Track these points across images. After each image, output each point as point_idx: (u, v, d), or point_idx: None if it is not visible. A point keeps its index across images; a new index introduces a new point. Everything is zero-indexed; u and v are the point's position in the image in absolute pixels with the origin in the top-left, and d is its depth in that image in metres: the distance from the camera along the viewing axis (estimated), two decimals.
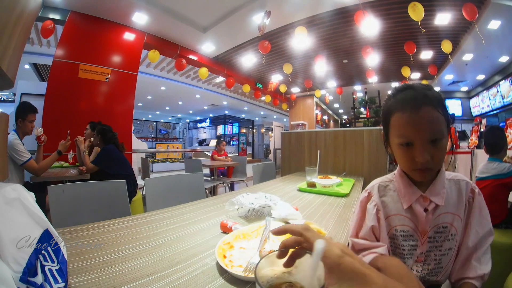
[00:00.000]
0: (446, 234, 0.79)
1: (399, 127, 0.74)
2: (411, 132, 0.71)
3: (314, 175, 1.97)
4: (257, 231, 0.90)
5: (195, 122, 20.92)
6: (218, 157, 5.09)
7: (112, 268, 0.67)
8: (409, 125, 0.71)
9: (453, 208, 0.80)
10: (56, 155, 2.54)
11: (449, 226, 0.79)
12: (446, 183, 0.81)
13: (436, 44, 6.29)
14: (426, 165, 0.71)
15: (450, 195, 0.81)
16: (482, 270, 0.78)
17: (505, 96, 8.08)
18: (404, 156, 0.75)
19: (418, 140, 0.71)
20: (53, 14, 4.50)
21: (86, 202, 1.37)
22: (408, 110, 0.71)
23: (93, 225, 0.99)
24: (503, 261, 1.74)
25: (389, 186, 0.88)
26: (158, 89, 10.56)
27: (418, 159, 0.70)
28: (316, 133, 3.31)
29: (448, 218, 0.79)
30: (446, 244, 0.80)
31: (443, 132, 0.71)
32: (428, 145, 0.70)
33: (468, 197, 0.82)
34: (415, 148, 0.71)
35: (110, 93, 4.92)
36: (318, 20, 5.57)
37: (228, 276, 0.63)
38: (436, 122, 0.70)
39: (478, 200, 0.81)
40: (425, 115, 0.70)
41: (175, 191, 1.73)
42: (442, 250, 0.80)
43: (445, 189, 0.80)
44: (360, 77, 9.26)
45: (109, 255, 0.74)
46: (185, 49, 6.62)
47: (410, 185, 0.81)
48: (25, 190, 0.60)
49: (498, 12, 4.95)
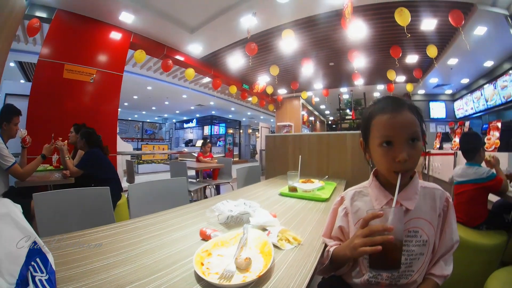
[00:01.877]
0: (418, 239, 0.83)
1: (380, 127, 0.80)
2: (392, 131, 0.78)
3: (296, 179, 2.02)
4: (235, 239, 0.93)
5: (182, 123, 20.77)
6: (204, 158, 5.10)
7: (98, 276, 0.70)
8: (390, 125, 0.78)
9: (426, 214, 0.84)
10: (41, 159, 2.52)
11: (420, 231, 0.83)
12: (419, 190, 0.85)
13: (421, 48, 6.45)
14: (404, 166, 0.76)
15: (423, 202, 0.85)
16: (446, 271, 0.85)
17: (489, 99, 8.33)
18: (384, 156, 0.79)
19: (398, 138, 0.77)
20: (40, 12, 4.44)
21: (71, 209, 1.39)
22: (389, 112, 0.79)
23: (78, 233, 1.02)
24: (484, 261, 1.82)
25: (363, 192, 0.94)
26: (144, 89, 10.47)
27: (398, 157, 0.75)
28: (300, 136, 3.38)
29: (419, 223, 0.83)
30: (417, 249, 0.83)
31: (419, 134, 0.78)
32: (407, 145, 0.76)
33: (443, 206, 0.87)
34: (395, 146, 0.77)
35: (95, 94, 4.87)
36: (305, 23, 5.67)
37: (205, 283, 0.68)
38: (413, 124, 0.78)
39: (452, 209, 0.87)
40: (404, 117, 0.78)
41: (158, 196, 1.76)
42: (413, 254, 0.83)
43: (417, 195, 0.84)
44: (346, 79, 9.41)
45: (94, 263, 0.78)
46: (172, 49, 6.61)
47: (382, 189, 0.87)
48: (13, 204, 0.64)
49: (485, 19, 5.08)
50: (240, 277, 0.70)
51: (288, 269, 0.77)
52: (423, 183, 0.89)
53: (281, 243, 0.94)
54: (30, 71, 7.33)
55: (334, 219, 0.99)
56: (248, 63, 6.95)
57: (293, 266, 0.79)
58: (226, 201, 1.31)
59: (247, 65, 7.50)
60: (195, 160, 5.34)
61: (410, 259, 0.83)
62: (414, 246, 0.83)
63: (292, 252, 0.90)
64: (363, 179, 0.99)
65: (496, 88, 7.79)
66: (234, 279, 0.69)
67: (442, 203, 0.87)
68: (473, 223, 2.03)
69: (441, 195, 0.87)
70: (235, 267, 0.74)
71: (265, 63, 7.85)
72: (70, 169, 2.58)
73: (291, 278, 0.72)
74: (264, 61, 7.74)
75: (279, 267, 0.79)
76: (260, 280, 0.70)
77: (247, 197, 1.77)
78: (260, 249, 0.87)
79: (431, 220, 0.84)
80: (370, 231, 0.69)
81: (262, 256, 0.83)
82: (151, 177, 8.83)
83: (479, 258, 1.85)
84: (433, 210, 0.85)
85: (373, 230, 0.68)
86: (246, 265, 0.75)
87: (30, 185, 2.42)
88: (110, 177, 2.65)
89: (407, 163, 0.76)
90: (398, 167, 0.77)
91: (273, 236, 0.95)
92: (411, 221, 0.83)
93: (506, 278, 1.21)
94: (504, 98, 7.47)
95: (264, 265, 0.76)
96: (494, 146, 4.43)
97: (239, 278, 0.70)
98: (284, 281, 0.70)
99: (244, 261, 0.75)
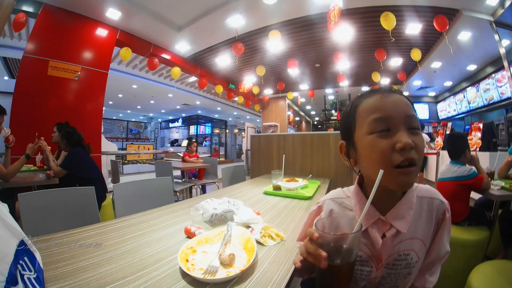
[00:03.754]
0: (408, 262, 0.69)
1: (371, 110, 0.62)
2: (385, 111, 0.60)
3: (280, 178, 2.06)
4: (219, 236, 0.96)
5: (167, 122, 20.58)
6: (189, 158, 5.09)
7: (85, 274, 0.72)
8: (382, 104, 0.61)
9: (420, 233, 0.69)
10: (25, 159, 2.47)
11: (411, 253, 0.68)
12: (414, 203, 0.68)
13: (406, 52, 6.61)
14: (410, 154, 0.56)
15: (419, 218, 0.69)
16: (429, 284, 0.75)
17: (471, 101, 8.62)
18: (379, 145, 0.59)
19: (396, 119, 0.59)
20: (27, 6, 4.35)
21: (56, 210, 1.39)
22: (380, 93, 0.63)
23: (64, 233, 1.02)
24: (466, 256, 1.91)
25: (344, 203, 0.76)
26: (129, 87, 10.31)
27: (401, 142, 0.56)
28: (284, 136, 3.43)
29: (412, 244, 0.68)
30: (405, 271, 0.70)
31: (419, 124, 0.62)
32: (408, 132, 0.59)
33: (439, 219, 0.71)
34: (393, 131, 0.59)
35: (80, 92, 4.78)
36: (292, 25, 5.72)
37: (190, 278, 0.70)
38: (410, 107, 0.62)
39: (448, 222, 0.72)
40: (398, 97, 0.62)
41: (144, 196, 1.76)
42: (400, 275, 0.70)
43: (412, 211, 0.66)
44: (331, 81, 9.54)
45: (80, 262, 0.79)
46: (158, 47, 6.55)
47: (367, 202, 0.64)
48: (0, 203, 0.65)
49: (469, 24, 5.23)
50: (224, 272, 0.73)
51: (270, 264, 0.80)
52: (419, 190, 0.72)
53: (264, 239, 0.97)
54: (14, 67, 7.12)
55: (308, 226, 0.86)
56: (235, 63, 6.96)
57: (276, 262, 0.82)
58: (211, 200, 1.33)
59: (234, 65, 7.51)
60: (180, 160, 5.32)
61: (396, 279, 0.71)
62: (403, 268, 0.69)
63: (275, 248, 0.93)
64: (346, 178, 1.01)
65: (478, 91, 8.07)
66: (218, 274, 0.71)
67: (439, 216, 0.71)
68: (455, 219, 2.13)
69: (438, 206, 0.71)
70: (219, 263, 0.76)
71: (252, 63, 7.87)
72: (53, 169, 2.54)
73: (274, 273, 0.75)
74: (250, 61, 7.76)
75: (262, 262, 0.82)
76: (244, 275, 0.73)
77: (232, 195, 1.80)
78: (244, 245, 0.90)
79: (424, 238, 0.70)
80: (305, 248, 0.56)
81: (245, 252, 0.86)
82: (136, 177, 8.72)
83: (463, 253, 1.93)
84: (428, 223, 0.70)
85: (307, 250, 0.55)
86: (230, 260, 0.77)
87: (14, 186, 2.38)
88: (95, 177, 2.63)
89: (414, 153, 0.57)
90: (400, 157, 0.56)
91: (256, 232, 0.98)
92: (403, 243, 0.67)
93: (488, 271, 1.27)
94: (486, 100, 7.75)
95: (247, 261, 0.78)
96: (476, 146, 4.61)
97: (223, 273, 0.72)
98: (267, 276, 0.73)
99: (228, 257, 0.77)
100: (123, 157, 10.68)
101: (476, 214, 2.16)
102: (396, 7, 4.85)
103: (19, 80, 4.19)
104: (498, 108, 7.54)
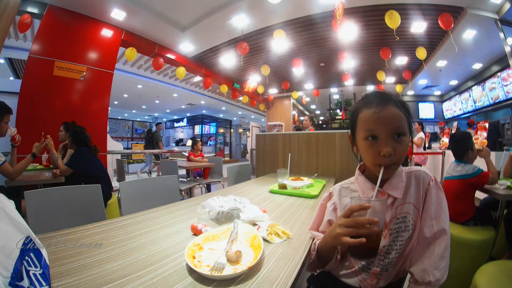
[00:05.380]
0: (406, 224, 0.85)
1: (365, 122, 0.81)
2: (376, 125, 0.79)
3: (285, 177, 2.05)
4: (225, 233, 0.95)
5: (172, 122, 20.60)
6: (195, 158, 5.08)
7: (91, 271, 0.71)
8: (374, 120, 0.79)
9: (412, 198, 0.86)
10: (31, 157, 2.49)
11: (408, 216, 0.85)
12: (404, 177, 0.88)
13: (411, 50, 6.54)
14: (389, 160, 0.77)
15: (409, 187, 0.87)
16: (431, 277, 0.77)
17: (477, 100, 8.54)
18: (369, 150, 0.80)
19: (382, 133, 0.78)
20: (32, 7, 4.37)
21: (62, 207, 1.40)
22: (374, 107, 0.80)
23: (70, 230, 1.02)
24: (471, 256, 1.87)
25: (350, 187, 0.96)
26: (134, 87, 10.34)
27: (382, 151, 0.76)
28: (289, 135, 3.41)
29: (406, 208, 0.85)
30: (406, 234, 0.85)
31: (405, 129, 0.79)
32: (392, 139, 0.78)
33: (426, 188, 0.87)
34: (380, 141, 0.78)
35: (85, 92, 4.80)
36: (296, 24, 5.69)
37: (197, 275, 0.69)
38: (398, 119, 0.78)
39: (435, 192, 0.86)
40: (390, 111, 0.79)
41: (150, 194, 1.77)
42: (403, 240, 0.85)
43: (403, 183, 0.86)
44: (336, 79, 9.48)
45: (86, 259, 0.79)
46: (163, 47, 6.56)
47: (368, 181, 0.90)
48: (6, 199, 0.65)
49: (474, 22, 5.19)
50: (231, 269, 0.72)
51: (277, 262, 0.80)
52: (407, 168, 0.91)
53: (271, 237, 0.96)
54: (20, 68, 7.18)
55: (322, 214, 1.01)
56: (240, 63, 6.95)
57: (282, 259, 0.82)
58: (217, 197, 1.33)
59: (238, 65, 7.49)
60: (185, 160, 5.33)
61: (400, 245, 0.86)
62: (404, 231, 0.85)
63: (282, 246, 0.92)
64: (351, 177, 1.01)
65: (484, 90, 7.98)
66: (225, 271, 0.71)
67: (425, 185, 0.87)
68: (460, 219, 2.10)
69: (424, 176, 0.89)
70: (226, 260, 0.76)
71: (256, 62, 7.86)
72: (59, 167, 2.56)
73: (281, 270, 0.74)
74: (255, 60, 7.75)
75: (269, 259, 0.81)
76: (251, 272, 0.72)
77: (238, 194, 1.79)
78: (250, 242, 0.89)
79: (416, 203, 0.86)
80: (355, 223, 0.69)
81: (252, 249, 0.85)
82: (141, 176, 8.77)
83: (468, 253, 1.90)
84: (418, 190, 0.87)
85: (359, 223, 0.68)
86: (237, 257, 0.76)
87: (20, 184, 2.40)
88: (100, 175, 2.64)
89: (392, 157, 0.77)
90: (383, 160, 0.78)
91: (263, 230, 0.97)
92: (399, 207, 0.85)
93: (493, 272, 1.25)
94: (492, 99, 7.65)
95: (254, 258, 0.78)
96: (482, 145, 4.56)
97: (230, 270, 0.72)
98: (273, 273, 0.72)
99: (235, 254, 0.76)
100: (129, 156, 10.72)
101: (481, 214, 2.13)
102: (400, 5, 4.81)
103: (25, 80, 4.22)
104: (503, 107, 7.47)
